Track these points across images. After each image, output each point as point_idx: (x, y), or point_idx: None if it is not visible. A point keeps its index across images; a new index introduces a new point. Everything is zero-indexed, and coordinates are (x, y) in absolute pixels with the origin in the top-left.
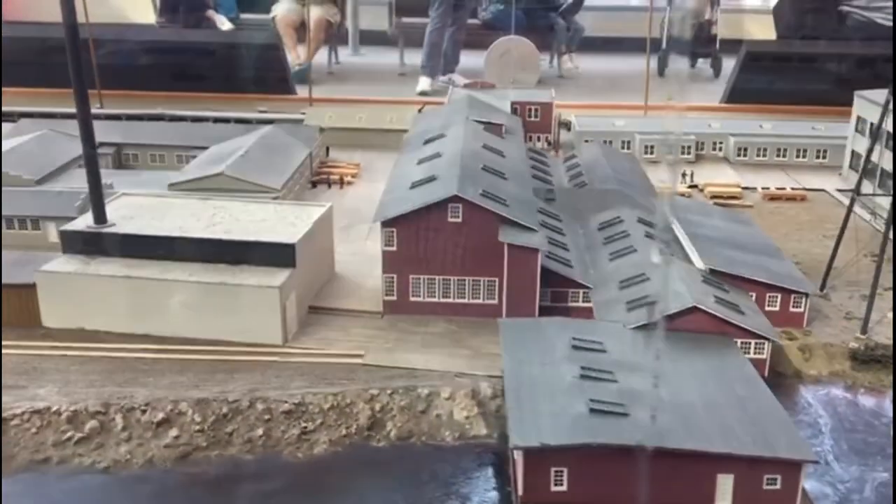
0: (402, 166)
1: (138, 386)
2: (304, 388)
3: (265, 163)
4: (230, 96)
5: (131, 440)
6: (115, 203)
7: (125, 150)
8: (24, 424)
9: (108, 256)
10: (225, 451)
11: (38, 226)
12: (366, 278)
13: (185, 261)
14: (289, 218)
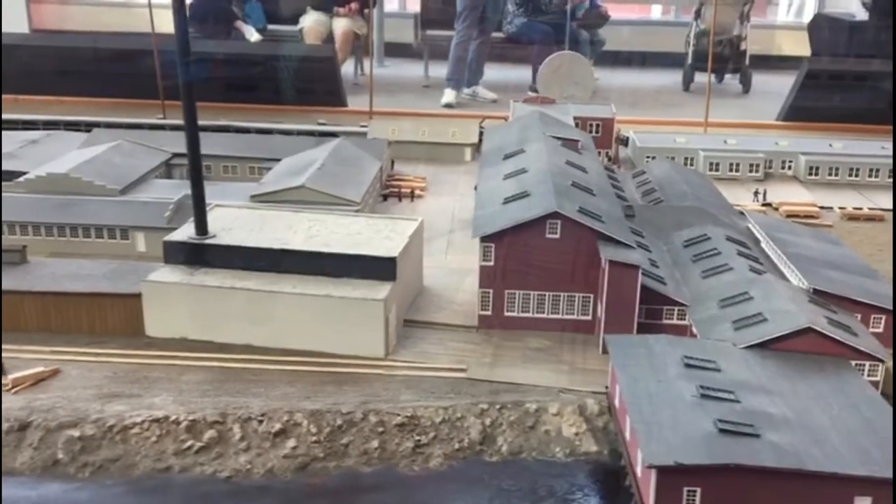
0: (488, 181)
1: (251, 396)
2: (413, 401)
3: (342, 176)
4: (281, 108)
5: (250, 450)
6: (210, 214)
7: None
8: (144, 433)
9: (211, 267)
10: (342, 463)
11: (126, 235)
12: (454, 292)
13: (286, 272)
14: (383, 231)
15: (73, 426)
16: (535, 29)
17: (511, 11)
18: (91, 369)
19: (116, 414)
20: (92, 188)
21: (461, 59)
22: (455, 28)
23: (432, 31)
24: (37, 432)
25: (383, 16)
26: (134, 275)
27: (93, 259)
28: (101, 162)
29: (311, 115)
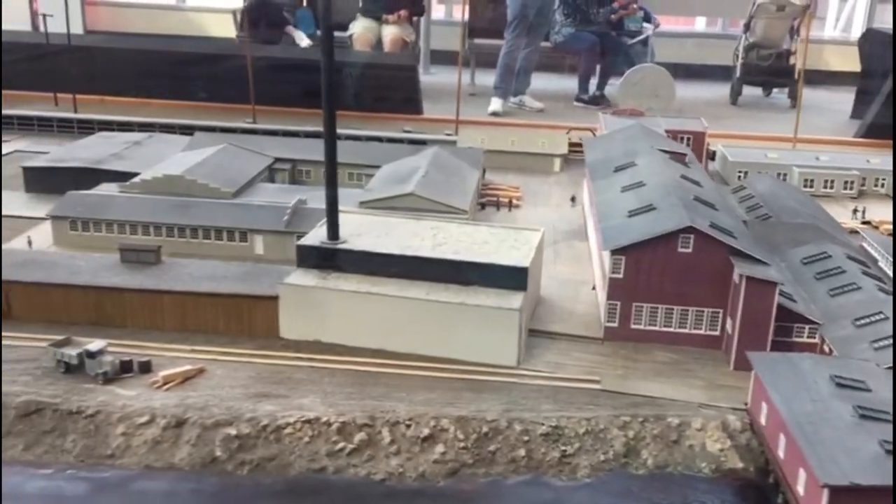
0: (605, 193)
1: (395, 401)
2: (554, 411)
3: (446, 184)
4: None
5: (400, 454)
6: None
7: (299, 167)
8: (296, 433)
9: (342, 272)
10: (491, 470)
11: (245, 238)
12: (573, 303)
13: (417, 279)
14: (508, 241)
15: (229, 424)
16: (583, 39)
17: (559, 21)
18: (235, 369)
19: (269, 413)
20: (206, 190)
21: (509, 67)
22: (504, 37)
23: (479, 39)
24: (193, 429)
25: (430, 23)
26: (267, 277)
27: (212, 260)
28: (212, 165)
29: (388, 122)
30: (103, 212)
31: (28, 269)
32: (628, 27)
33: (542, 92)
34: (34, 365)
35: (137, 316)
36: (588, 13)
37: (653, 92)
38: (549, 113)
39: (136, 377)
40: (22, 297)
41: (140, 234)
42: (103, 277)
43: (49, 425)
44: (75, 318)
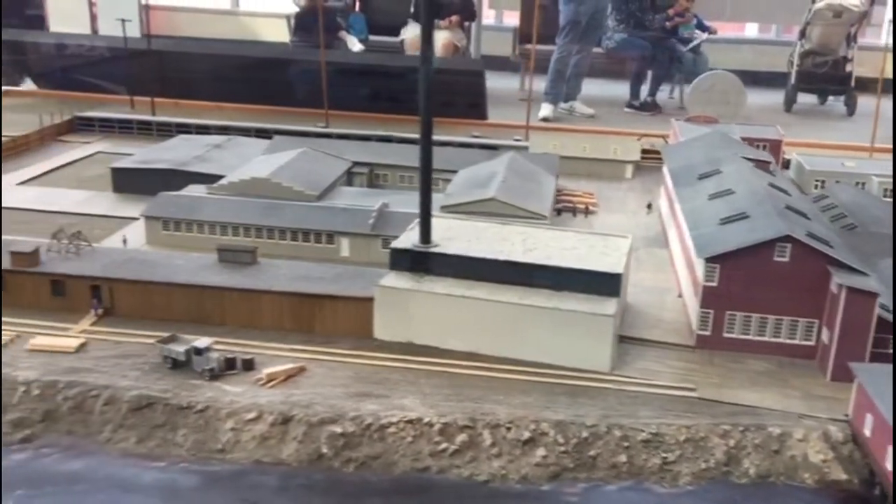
0: (691, 201)
1: (493, 403)
2: (653, 418)
3: (525, 189)
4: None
5: (501, 456)
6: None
7: (376, 171)
8: (399, 433)
9: (435, 275)
10: (592, 475)
11: (331, 240)
12: (660, 310)
13: (508, 283)
14: (597, 247)
15: (333, 422)
16: (635, 45)
17: (611, 27)
18: (333, 368)
19: (371, 413)
20: (291, 193)
21: (560, 73)
22: (556, 42)
23: (530, 45)
24: (299, 426)
25: (481, 29)
26: (360, 279)
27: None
28: (294, 168)
29: (453, 127)
30: (194, 212)
31: (130, 268)
32: (681, 33)
33: (592, 98)
34: (141, 360)
35: (236, 314)
36: (642, 19)
37: (723, 99)
38: (599, 119)
39: (239, 374)
40: (125, 294)
41: (230, 234)
42: (203, 276)
43: (160, 419)
44: (176, 316)
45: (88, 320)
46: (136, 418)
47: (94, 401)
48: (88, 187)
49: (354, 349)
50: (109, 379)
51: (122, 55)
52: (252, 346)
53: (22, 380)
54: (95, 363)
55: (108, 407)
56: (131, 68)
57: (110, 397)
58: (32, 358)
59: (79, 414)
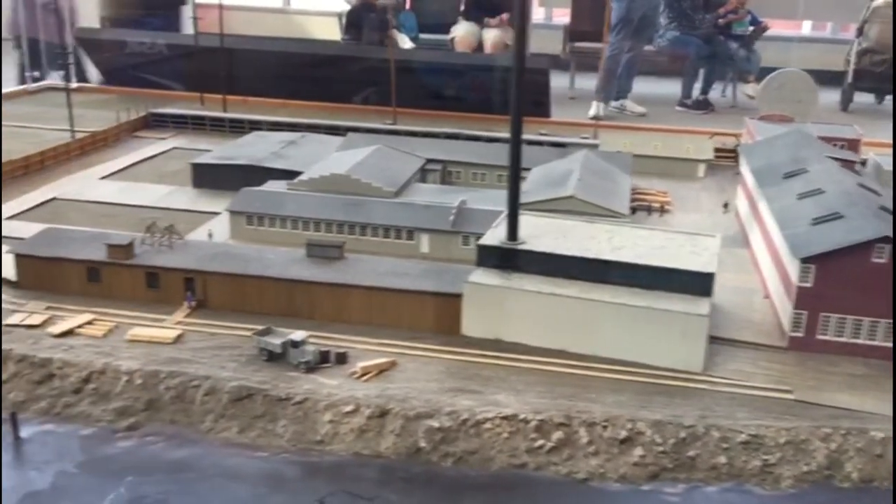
0: (779, 201)
1: (587, 401)
2: (751, 419)
3: (601, 187)
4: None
5: (599, 454)
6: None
7: (449, 168)
8: (495, 429)
9: (523, 273)
10: (691, 475)
11: (411, 236)
12: (747, 310)
13: (598, 282)
14: (686, 246)
15: (430, 417)
16: (688, 42)
17: (664, 25)
18: (424, 363)
19: (467, 408)
20: (370, 189)
21: (612, 71)
22: (609, 41)
23: (580, 43)
24: (396, 420)
25: (531, 27)
26: (447, 275)
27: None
28: (371, 165)
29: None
30: (277, 208)
31: (222, 261)
32: (735, 31)
33: (643, 96)
34: (237, 352)
35: (325, 309)
36: (694, 17)
37: (794, 97)
38: (651, 117)
39: (333, 367)
40: (218, 287)
41: (311, 230)
42: (294, 271)
43: (260, 410)
44: (266, 309)
45: (182, 312)
46: (236, 409)
47: (194, 391)
48: (169, 182)
49: (443, 345)
50: (209, 370)
51: (192, 52)
52: (343, 340)
53: (125, 369)
54: (193, 354)
55: (208, 397)
56: (202, 65)
57: (211, 388)
58: (133, 348)
59: (180, 403)
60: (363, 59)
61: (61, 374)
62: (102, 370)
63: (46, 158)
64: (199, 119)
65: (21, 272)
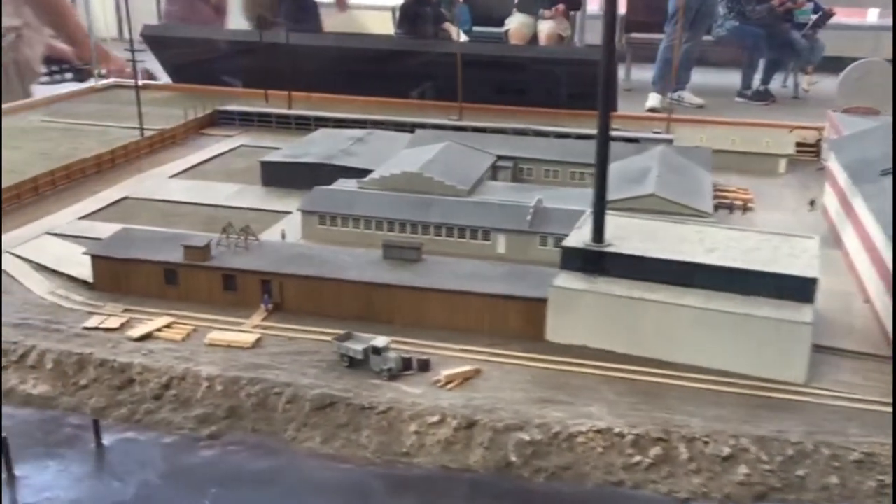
0: (878, 199)
1: (685, 415)
2: (864, 436)
3: (682, 185)
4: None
5: (700, 472)
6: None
7: (521, 165)
8: (589, 443)
9: (609, 276)
10: (801, 496)
11: (487, 236)
12: (847, 316)
13: (690, 286)
14: (782, 248)
15: (520, 429)
16: (747, 32)
17: (722, 14)
18: (509, 371)
19: (558, 420)
20: (442, 188)
21: (669, 62)
22: (664, 31)
23: (637, 34)
24: (485, 432)
25: (586, 18)
26: (529, 278)
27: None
28: (442, 162)
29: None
30: (349, 207)
31: (299, 263)
32: (797, 19)
33: (701, 87)
34: (317, 358)
35: (404, 312)
36: (754, 6)
37: (875, 88)
38: (709, 109)
39: (416, 375)
40: (295, 289)
41: (384, 230)
42: (371, 273)
43: (343, 419)
44: (344, 313)
45: (260, 315)
46: (319, 417)
47: (276, 398)
48: (237, 180)
49: (527, 351)
50: (289, 376)
51: (256, 49)
52: (423, 346)
53: (205, 375)
54: (273, 359)
55: (290, 405)
56: (266, 62)
57: (293, 395)
58: (212, 353)
59: (262, 411)
60: (422, 53)
61: (141, 380)
62: (182, 376)
63: (117, 157)
64: (264, 116)
65: (97, 274)
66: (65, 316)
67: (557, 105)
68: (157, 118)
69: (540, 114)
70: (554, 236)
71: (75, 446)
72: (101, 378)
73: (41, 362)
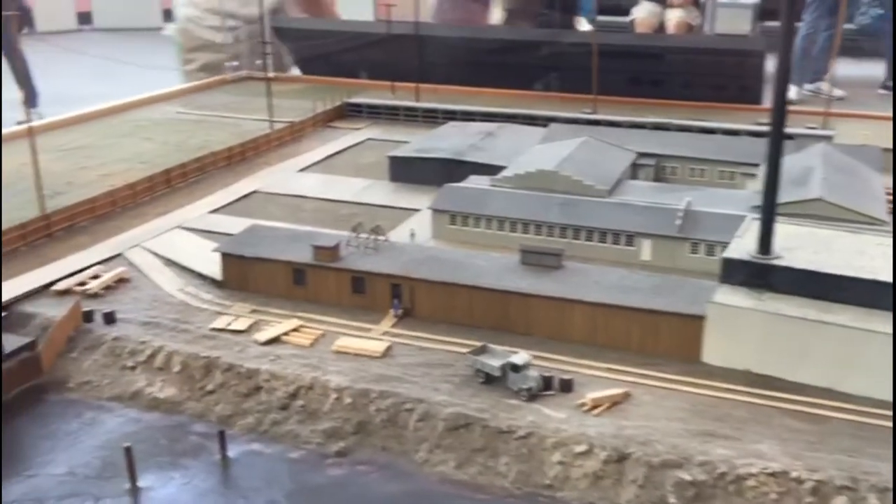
0: None
1: (873, 458)
2: None
3: (851, 188)
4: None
5: None
6: (749, 229)
7: (663, 163)
8: (761, 488)
9: (776, 292)
10: None
11: (630, 241)
12: None
13: (876, 307)
14: None
15: (678, 466)
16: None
17: (866, 2)
18: (662, 397)
19: (723, 459)
20: (580, 187)
21: (806, 51)
22: (802, 18)
23: (771, 21)
24: (638, 467)
25: (716, 6)
26: (682, 291)
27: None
28: (579, 160)
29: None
30: (482, 207)
31: (431, 267)
32: None
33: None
34: (449, 372)
35: (542, 324)
36: None
37: None
38: (850, 101)
39: (557, 396)
40: (426, 295)
41: (519, 232)
42: (509, 281)
43: (479, 443)
44: (477, 321)
45: (389, 321)
46: (452, 438)
47: (407, 415)
48: (365, 175)
49: (682, 374)
50: (421, 391)
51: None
52: (563, 362)
53: (334, 386)
54: (403, 371)
55: (422, 423)
56: (394, 54)
57: (425, 413)
58: (340, 361)
59: (392, 428)
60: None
61: (268, 388)
62: (311, 385)
63: (247, 149)
64: (392, 109)
65: (226, 272)
66: (193, 315)
67: (696, 98)
68: (285, 110)
69: (677, 107)
70: (706, 243)
71: (200, 457)
72: (228, 384)
73: (169, 364)
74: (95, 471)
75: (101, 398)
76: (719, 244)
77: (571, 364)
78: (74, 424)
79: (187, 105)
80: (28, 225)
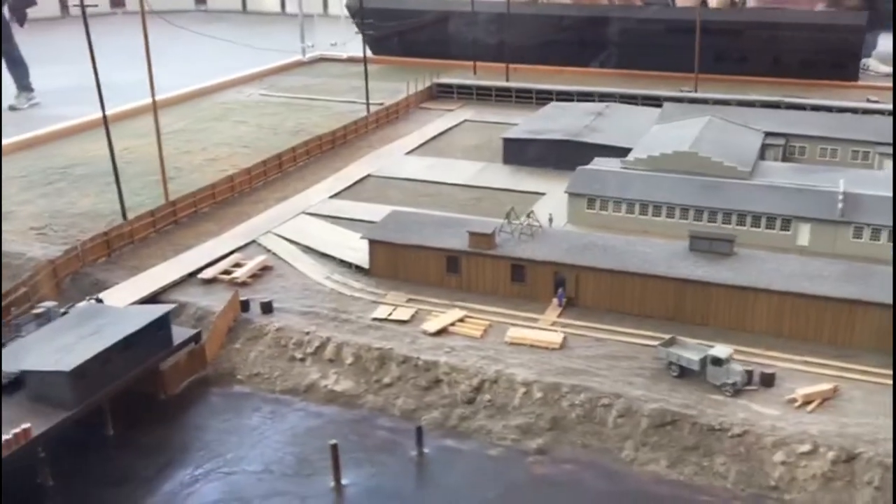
0: None
1: None
2: None
3: None
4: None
5: None
6: None
7: (792, 142)
8: None
9: None
10: None
11: (786, 226)
12: None
13: None
14: None
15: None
16: None
17: None
18: (871, 391)
19: None
20: (721, 169)
21: None
22: None
23: None
24: (872, 468)
25: None
26: (874, 279)
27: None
28: (711, 140)
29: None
30: (621, 190)
31: (594, 255)
32: None
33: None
34: (636, 364)
35: (721, 314)
36: None
37: None
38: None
39: (759, 391)
40: (593, 284)
41: (663, 216)
42: (683, 268)
43: (690, 441)
44: (648, 311)
45: (554, 311)
46: (659, 436)
47: (605, 410)
48: (473, 157)
49: (887, 367)
50: (613, 385)
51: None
52: (752, 354)
53: (520, 379)
54: (587, 364)
55: (623, 419)
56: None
57: (624, 408)
58: (518, 353)
59: (589, 424)
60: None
61: (449, 381)
62: (495, 379)
63: (348, 133)
64: (484, 89)
65: (374, 259)
66: (349, 304)
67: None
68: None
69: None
70: (871, 227)
71: (395, 453)
72: (406, 376)
73: (339, 356)
74: (292, 468)
75: (274, 391)
76: (885, 228)
77: (762, 356)
78: (255, 419)
79: (270, 88)
80: (157, 212)
